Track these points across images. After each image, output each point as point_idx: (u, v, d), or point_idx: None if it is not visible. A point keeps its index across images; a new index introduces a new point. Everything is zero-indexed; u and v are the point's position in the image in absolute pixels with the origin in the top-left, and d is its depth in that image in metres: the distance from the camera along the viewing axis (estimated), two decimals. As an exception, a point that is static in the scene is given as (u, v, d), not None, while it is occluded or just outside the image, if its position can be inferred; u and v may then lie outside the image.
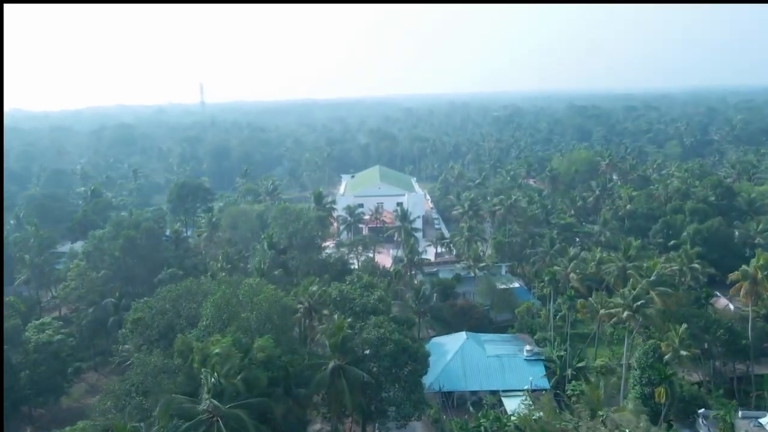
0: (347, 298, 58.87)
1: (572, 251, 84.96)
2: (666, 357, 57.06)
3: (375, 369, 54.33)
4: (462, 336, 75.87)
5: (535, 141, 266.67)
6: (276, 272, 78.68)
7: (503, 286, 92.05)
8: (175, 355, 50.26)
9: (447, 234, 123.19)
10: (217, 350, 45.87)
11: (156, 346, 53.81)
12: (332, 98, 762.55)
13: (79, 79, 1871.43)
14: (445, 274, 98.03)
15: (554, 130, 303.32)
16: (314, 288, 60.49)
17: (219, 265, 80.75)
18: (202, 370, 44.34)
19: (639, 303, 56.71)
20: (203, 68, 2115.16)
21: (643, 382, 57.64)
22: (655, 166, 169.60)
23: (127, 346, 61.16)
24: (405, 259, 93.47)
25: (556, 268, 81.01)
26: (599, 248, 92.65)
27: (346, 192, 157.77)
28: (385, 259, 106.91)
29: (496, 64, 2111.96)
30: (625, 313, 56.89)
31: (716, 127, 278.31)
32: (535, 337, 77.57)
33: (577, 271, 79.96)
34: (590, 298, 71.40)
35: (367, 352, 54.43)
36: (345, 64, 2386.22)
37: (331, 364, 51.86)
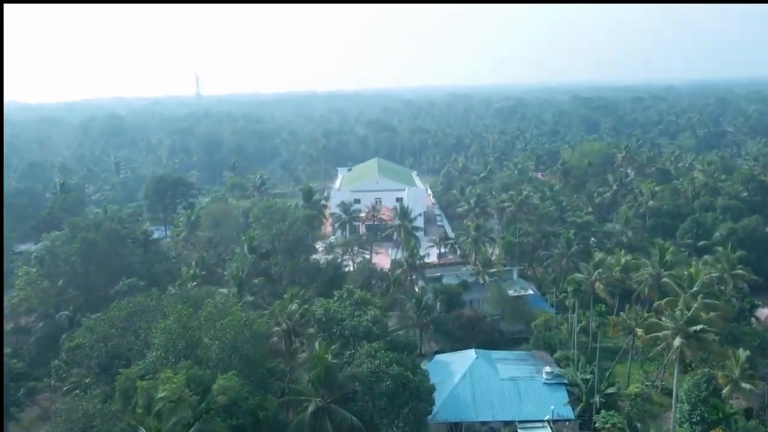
0: (334, 318, 48.31)
1: (597, 256, 74.41)
2: (724, 391, 46.57)
3: (369, 406, 44.05)
4: (471, 354, 65.43)
5: (541, 133, 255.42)
6: (256, 280, 68.45)
7: (515, 294, 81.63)
8: (116, 396, 40.07)
9: (451, 233, 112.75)
10: (162, 394, 35.67)
11: (97, 381, 43.49)
12: (332, 90, 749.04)
13: (76, 71, 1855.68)
14: (449, 279, 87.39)
15: (560, 121, 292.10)
16: (294, 306, 49.85)
17: (192, 272, 70.19)
18: (141, 426, 34.15)
19: (697, 328, 45.63)
20: (202, 61, 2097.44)
21: (694, 419, 47.57)
22: (672, 158, 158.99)
23: (76, 370, 50.96)
24: (405, 263, 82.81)
25: (578, 275, 70.48)
26: (622, 250, 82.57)
27: (341, 186, 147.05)
28: (383, 259, 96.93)
29: (496, 63, 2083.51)
30: (678, 340, 45.95)
31: (729, 118, 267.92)
32: (555, 355, 67.16)
33: (603, 278, 69.65)
34: (623, 314, 60.93)
35: (358, 386, 44.16)
36: (345, 63, 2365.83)
37: (312, 405, 41.67)
